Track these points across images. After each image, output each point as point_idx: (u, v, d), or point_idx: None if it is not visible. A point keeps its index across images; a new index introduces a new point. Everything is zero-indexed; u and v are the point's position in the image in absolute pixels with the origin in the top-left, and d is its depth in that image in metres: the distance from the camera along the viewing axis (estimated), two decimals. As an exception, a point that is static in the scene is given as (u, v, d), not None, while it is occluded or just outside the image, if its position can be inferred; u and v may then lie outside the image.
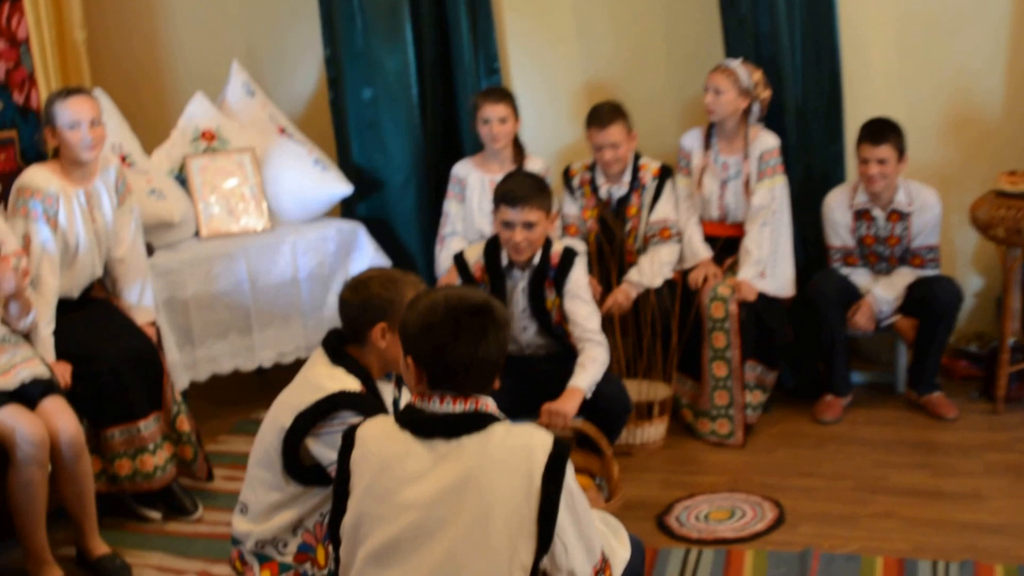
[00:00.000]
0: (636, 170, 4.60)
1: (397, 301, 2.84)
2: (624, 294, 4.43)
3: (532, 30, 5.17)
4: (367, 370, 2.93)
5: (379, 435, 2.37)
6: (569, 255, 3.86)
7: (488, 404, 2.35)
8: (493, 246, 3.91)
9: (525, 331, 3.91)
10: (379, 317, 2.88)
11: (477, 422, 2.30)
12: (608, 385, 3.80)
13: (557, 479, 2.24)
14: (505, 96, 4.61)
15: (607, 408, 3.79)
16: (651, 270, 4.45)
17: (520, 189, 3.75)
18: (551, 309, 3.82)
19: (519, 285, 3.83)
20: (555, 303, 3.82)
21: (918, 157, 4.58)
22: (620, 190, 4.60)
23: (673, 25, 5.02)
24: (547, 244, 3.87)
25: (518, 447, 2.27)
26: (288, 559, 2.92)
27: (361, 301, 2.91)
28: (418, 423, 2.32)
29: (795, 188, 4.69)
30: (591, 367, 3.75)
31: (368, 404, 2.81)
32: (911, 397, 4.59)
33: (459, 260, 3.95)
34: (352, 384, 2.85)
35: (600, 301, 4.31)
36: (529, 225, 3.73)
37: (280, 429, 2.85)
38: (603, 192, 4.61)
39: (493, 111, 4.55)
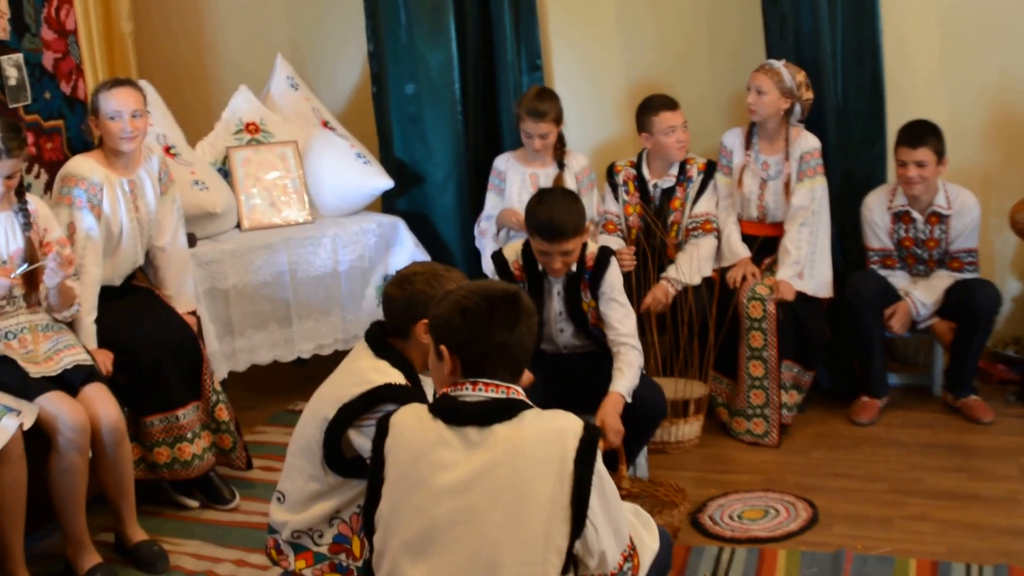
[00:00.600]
0: (683, 163, 4.62)
1: None
2: (663, 291, 4.43)
3: (575, 25, 5.18)
4: (410, 363, 2.96)
5: (413, 423, 2.40)
6: (604, 256, 3.81)
7: (519, 392, 2.38)
8: (530, 247, 3.84)
9: (562, 332, 3.88)
10: (423, 313, 2.86)
11: (509, 409, 2.33)
12: (645, 389, 3.78)
13: (589, 462, 2.27)
14: (547, 113, 4.53)
15: (644, 412, 3.76)
16: (690, 268, 4.45)
17: (556, 223, 3.58)
18: (587, 311, 3.81)
19: (555, 287, 3.80)
20: (591, 305, 3.81)
21: (959, 159, 4.55)
22: (667, 182, 4.61)
23: (716, 22, 5.02)
24: (582, 246, 3.80)
25: (550, 431, 2.30)
26: (323, 549, 2.96)
27: (406, 296, 2.93)
28: (451, 412, 2.35)
29: (836, 189, 4.67)
30: (628, 372, 3.70)
31: (412, 397, 2.82)
32: (947, 400, 4.57)
33: (498, 258, 3.93)
34: (397, 377, 2.88)
35: (639, 299, 4.32)
36: (566, 253, 3.65)
37: (323, 420, 2.87)
38: (650, 186, 4.61)
39: (535, 128, 4.54)
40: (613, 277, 3.81)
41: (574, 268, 3.75)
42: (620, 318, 3.78)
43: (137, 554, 3.62)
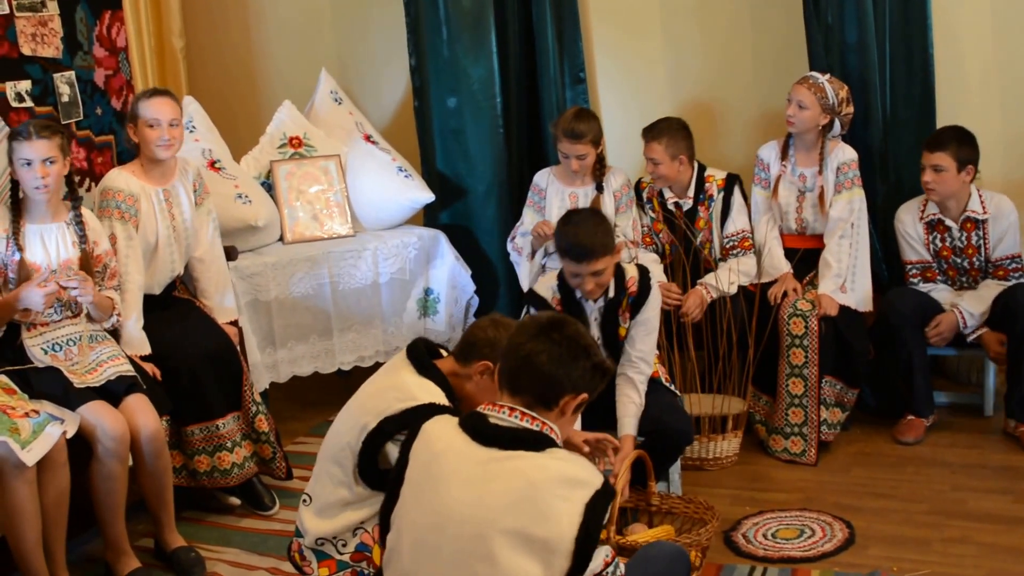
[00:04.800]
0: (701, 182, 4.58)
1: None
2: (699, 297, 4.39)
3: (619, 38, 5.18)
4: (450, 386, 3.00)
5: (440, 430, 2.48)
6: (646, 281, 3.73)
7: (553, 430, 2.42)
8: (564, 276, 3.75)
9: None
10: (490, 356, 2.96)
11: (537, 442, 2.38)
12: (673, 415, 3.76)
13: (600, 512, 2.31)
14: (584, 134, 4.45)
15: (669, 438, 3.74)
16: (727, 277, 4.41)
17: (584, 243, 3.54)
18: (623, 338, 3.76)
19: (592, 313, 3.74)
20: (627, 332, 3.77)
21: (1010, 167, 4.47)
22: (687, 204, 4.58)
23: (760, 34, 4.99)
24: (619, 271, 3.76)
25: (570, 477, 2.33)
26: (346, 557, 3.00)
27: (491, 338, 2.99)
28: (479, 428, 2.41)
29: (883, 201, 4.62)
30: (635, 409, 3.68)
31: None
32: (1008, 428, 4.40)
33: (534, 298, 3.83)
34: (440, 397, 2.92)
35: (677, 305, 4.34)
36: (597, 273, 3.61)
37: (362, 429, 2.91)
38: (670, 204, 4.59)
39: (571, 149, 4.48)
40: (655, 307, 3.76)
41: (612, 292, 3.70)
42: (647, 350, 3.75)
43: (175, 559, 3.68)
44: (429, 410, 2.83)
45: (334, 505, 3.01)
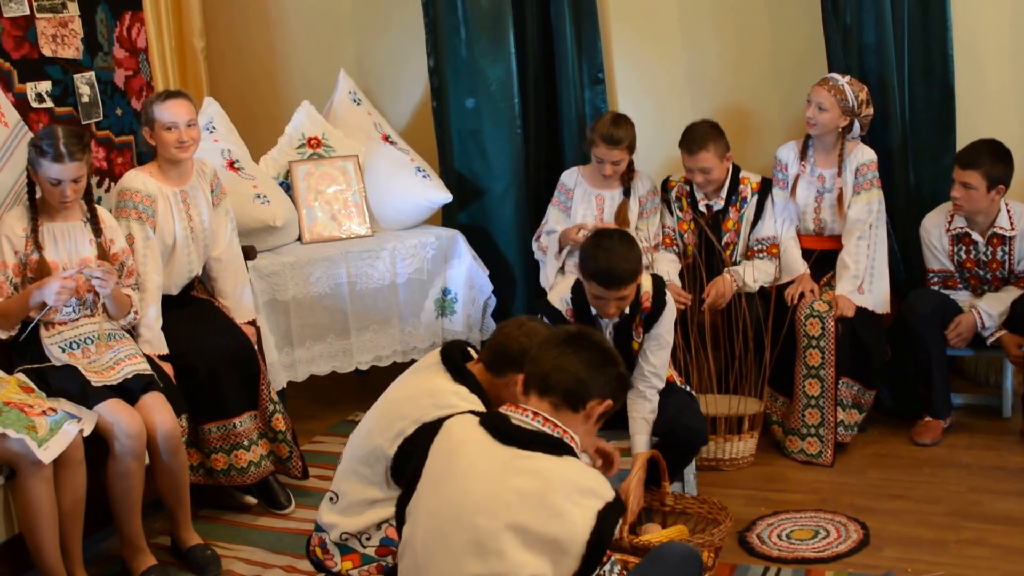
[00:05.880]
0: (736, 183, 4.55)
1: None
2: (726, 283, 4.36)
3: (637, 39, 5.18)
4: (485, 392, 3.01)
5: (461, 426, 2.52)
6: (660, 295, 3.68)
7: (573, 438, 2.47)
8: (581, 287, 3.67)
9: None
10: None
11: (556, 447, 2.42)
12: (689, 415, 3.75)
13: (611, 524, 2.34)
14: (622, 140, 4.45)
15: (684, 438, 3.73)
16: (751, 275, 4.41)
17: (615, 272, 3.44)
18: (635, 352, 3.73)
19: (607, 329, 3.70)
20: (639, 344, 3.74)
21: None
22: (718, 204, 4.56)
23: (779, 34, 4.98)
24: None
25: (584, 486, 2.36)
26: (370, 552, 3.03)
27: (524, 347, 2.91)
28: (501, 427, 2.45)
29: (900, 202, 4.60)
30: (646, 428, 3.67)
31: None
32: None
33: (548, 308, 3.76)
34: (476, 404, 2.92)
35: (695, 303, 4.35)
36: (622, 299, 3.54)
37: (398, 434, 2.92)
38: (701, 206, 4.58)
39: (608, 155, 4.46)
40: (668, 323, 3.72)
41: (627, 309, 3.65)
42: (659, 364, 3.72)
43: (191, 557, 3.71)
44: None
45: (362, 503, 3.03)
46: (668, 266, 4.49)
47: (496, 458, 2.40)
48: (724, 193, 4.54)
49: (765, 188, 4.56)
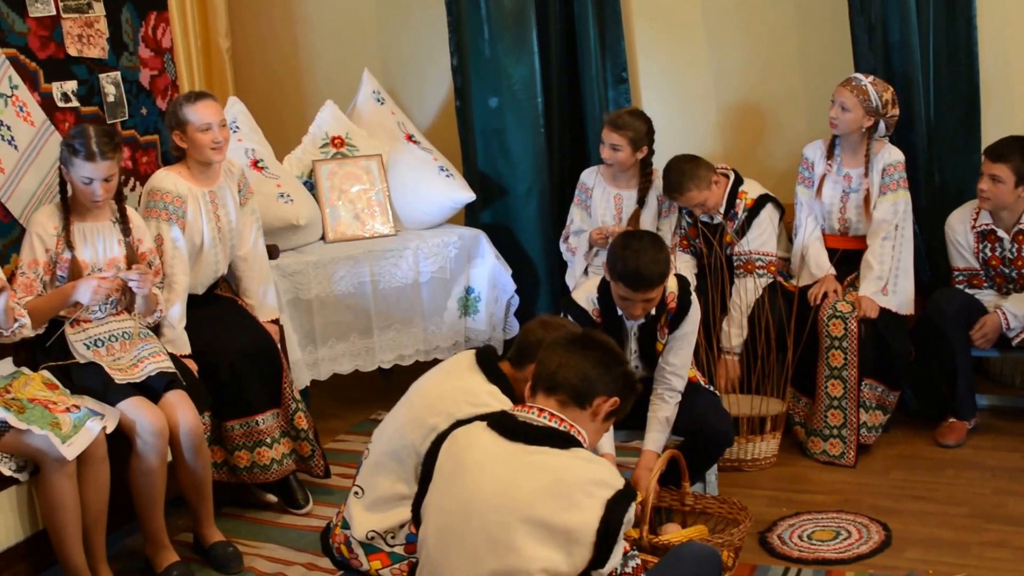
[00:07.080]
0: (734, 197, 4.53)
1: None
2: (731, 368, 4.41)
3: (662, 38, 5.16)
4: (516, 394, 3.04)
5: (467, 429, 2.56)
6: (685, 295, 3.66)
7: (581, 433, 2.48)
8: (607, 288, 3.64)
9: (636, 369, 3.79)
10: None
11: (564, 441, 2.44)
12: (716, 415, 3.75)
13: (621, 509, 2.37)
14: (624, 126, 4.48)
15: (710, 438, 3.73)
16: (738, 335, 4.43)
17: (644, 274, 3.43)
18: (660, 351, 3.72)
19: (633, 328, 3.69)
20: (664, 345, 3.73)
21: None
22: (717, 218, 4.55)
23: (805, 33, 4.95)
24: None
25: (594, 477, 2.39)
26: (398, 549, 3.04)
27: (541, 339, 2.98)
28: (507, 425, 2.48)
29: (926, 202, 4.57)
30: (662, 428, 3.68)
31: None
32: None
33: (573, 307, 3.74)
34: (508, 405, 2.93)
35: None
36: (649, 300, 3.53)
37: (430, 430, 2.93)
38: (702, 217, 4.57)
39: (607, 136, 4.51)
40: (694, 322, 3.70)
41: (653, 311, 3.64)
42: (681, 364, 3.72)
43: (213, 554, 3.74)
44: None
45: (389, 499, 3.05)
46: (685, 268, 4.49)
47: (504, 454, 2.44)
48: (723, 208, 4.54)
49: (759, 205, 4.52)
